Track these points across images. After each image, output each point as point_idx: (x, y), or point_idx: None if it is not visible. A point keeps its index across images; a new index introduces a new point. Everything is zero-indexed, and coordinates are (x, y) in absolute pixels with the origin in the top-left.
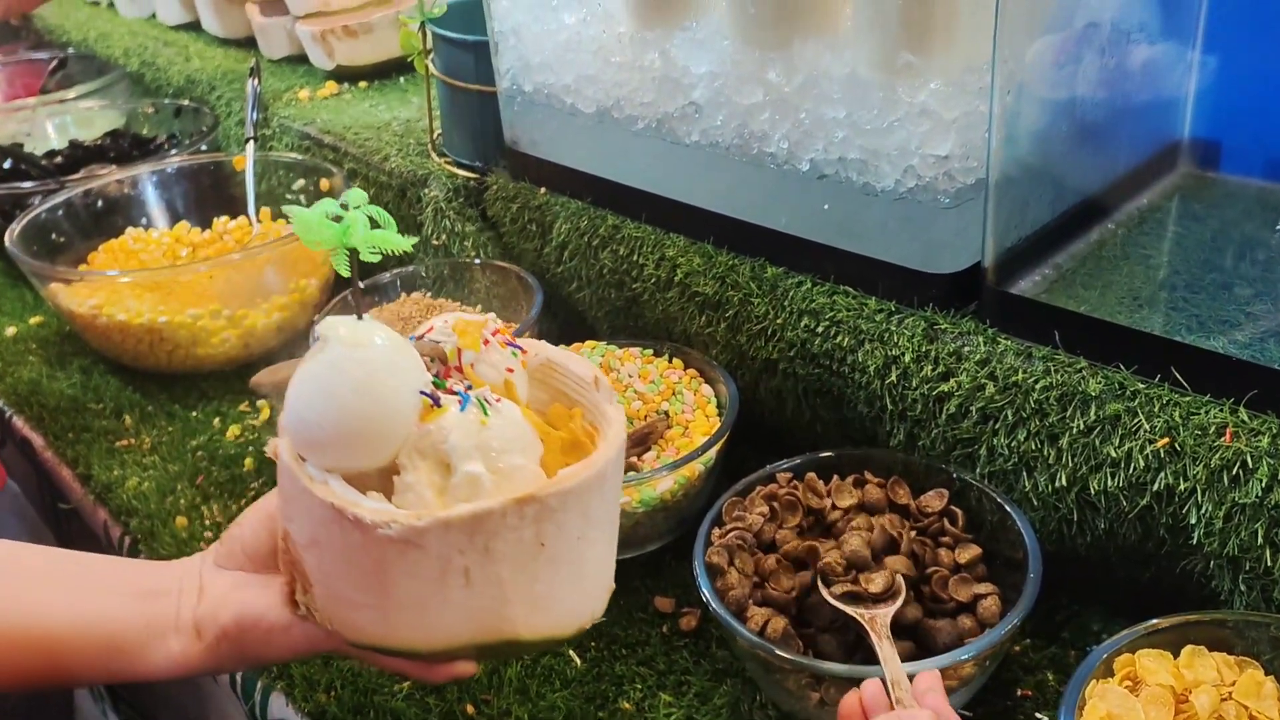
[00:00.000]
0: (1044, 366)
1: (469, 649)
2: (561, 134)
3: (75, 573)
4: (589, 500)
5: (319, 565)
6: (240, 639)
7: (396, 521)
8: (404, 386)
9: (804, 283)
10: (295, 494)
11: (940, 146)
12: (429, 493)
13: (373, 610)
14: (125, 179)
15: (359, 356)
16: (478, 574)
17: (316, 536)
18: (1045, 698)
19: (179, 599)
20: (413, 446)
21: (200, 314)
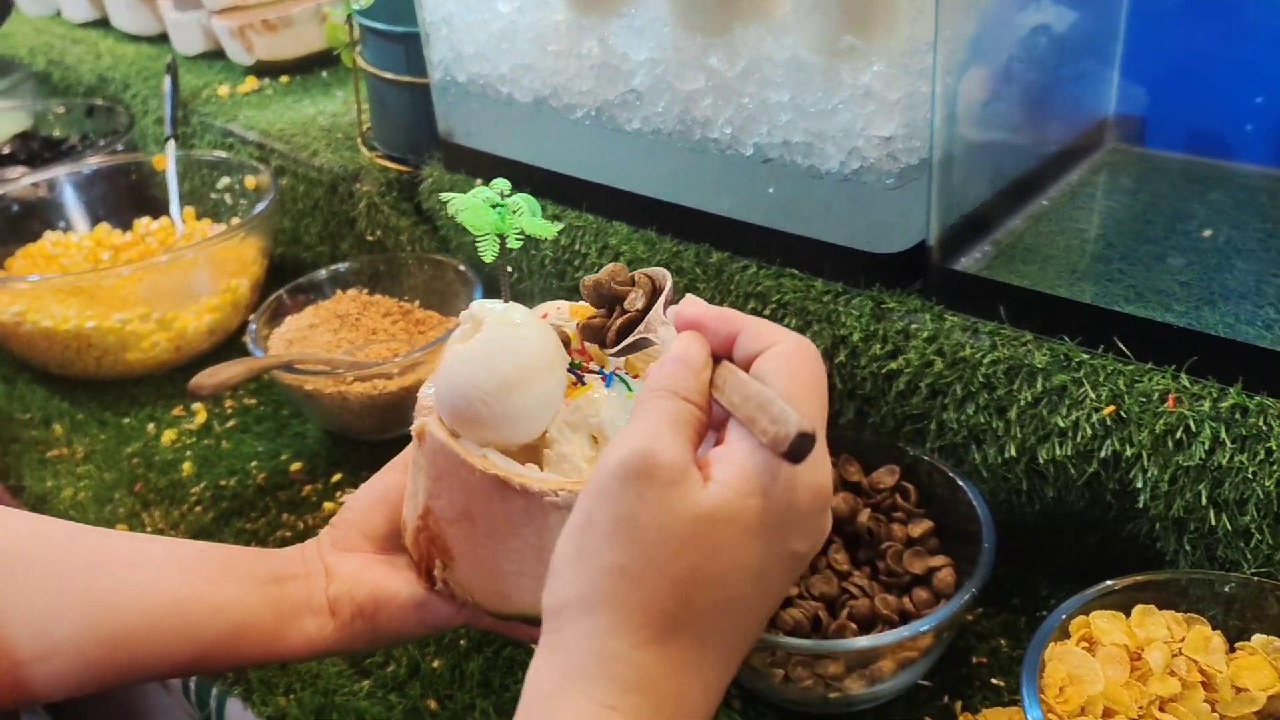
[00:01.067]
0: (990, 341)
1: None
2: (498, 124)
3: (203, 560)
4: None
5: (468, 538)
6: (375, 616)
7: (565, 489)
8: (557, 362)
9: (749, 266)
10: (449, 469)
11: (884, 127)
12: (582, 463)
13: (525, 578)
14: (40, 181)
15: (519, 334)
16: None
17: (470, 509)
18: (999, 664)
19: (307, 582)
20: (564, 420)
21: (129, 318)
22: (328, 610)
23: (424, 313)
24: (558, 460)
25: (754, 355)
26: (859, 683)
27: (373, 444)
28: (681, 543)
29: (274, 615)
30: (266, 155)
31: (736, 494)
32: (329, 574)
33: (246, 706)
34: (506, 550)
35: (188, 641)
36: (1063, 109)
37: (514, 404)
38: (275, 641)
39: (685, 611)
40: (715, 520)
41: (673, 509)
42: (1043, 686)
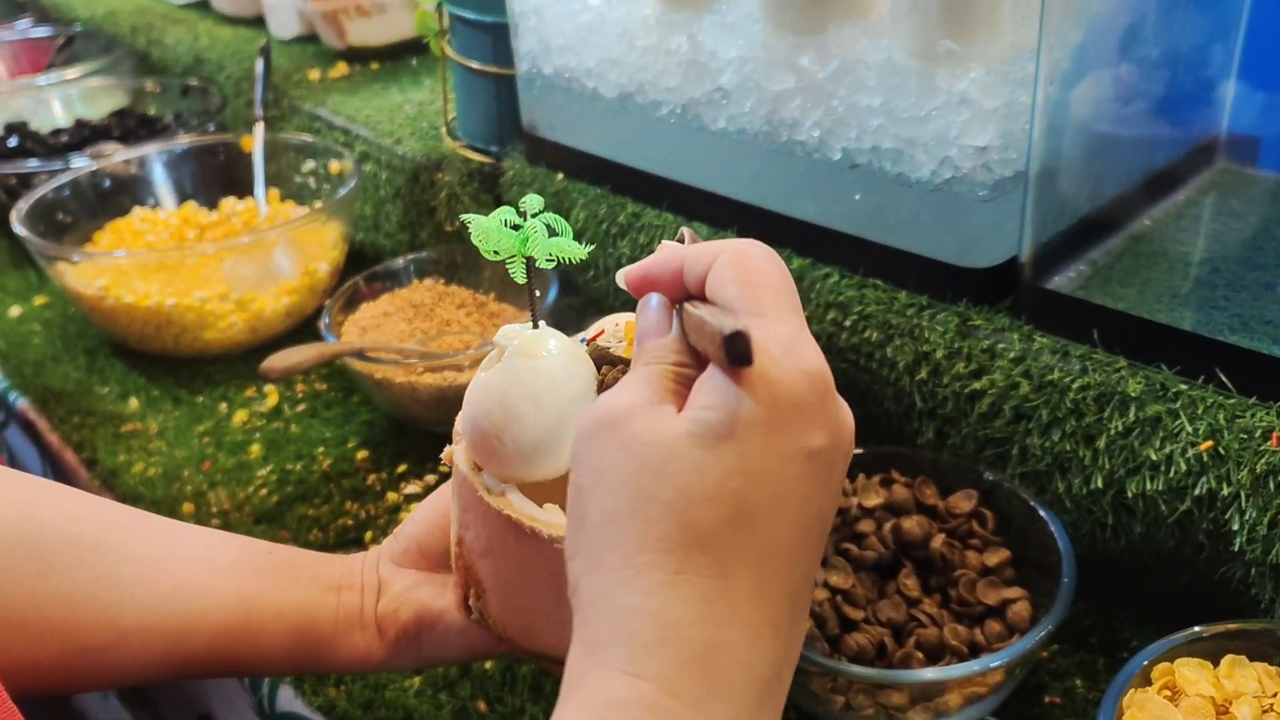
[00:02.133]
0: (1081, 365)
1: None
2: (581, 118)
3: (269, 561)
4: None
5: (494, 574)
6: (418, 638)
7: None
8: (581, 396)
9: (832, 275)
10: (471, 503)
11: (979, 137)
12: None
13: (548, 619)
14: (132, 158)
15: (536, 366)
16: None
17: (492, 546)
18: (1074, 705)
19: (362, 594)
20: None
21: (208, 297)
22: (375, 626)
23: (499, 305)
24: None
25: (703, 279)
26: (922, 715)
27: (439, 435)
28: (659, 466)
29: (331, 624)
30: (351, 141)
31: (707, 408)
32: (381, 589)
33: (298, 695)
34: (528, 590)
35: (248, 642)
36: (1171, 125)
37: (530, 439)
38: (328, 651)
39: (689, 534)
40: (692, 436)
41: (642, 438)
42: None
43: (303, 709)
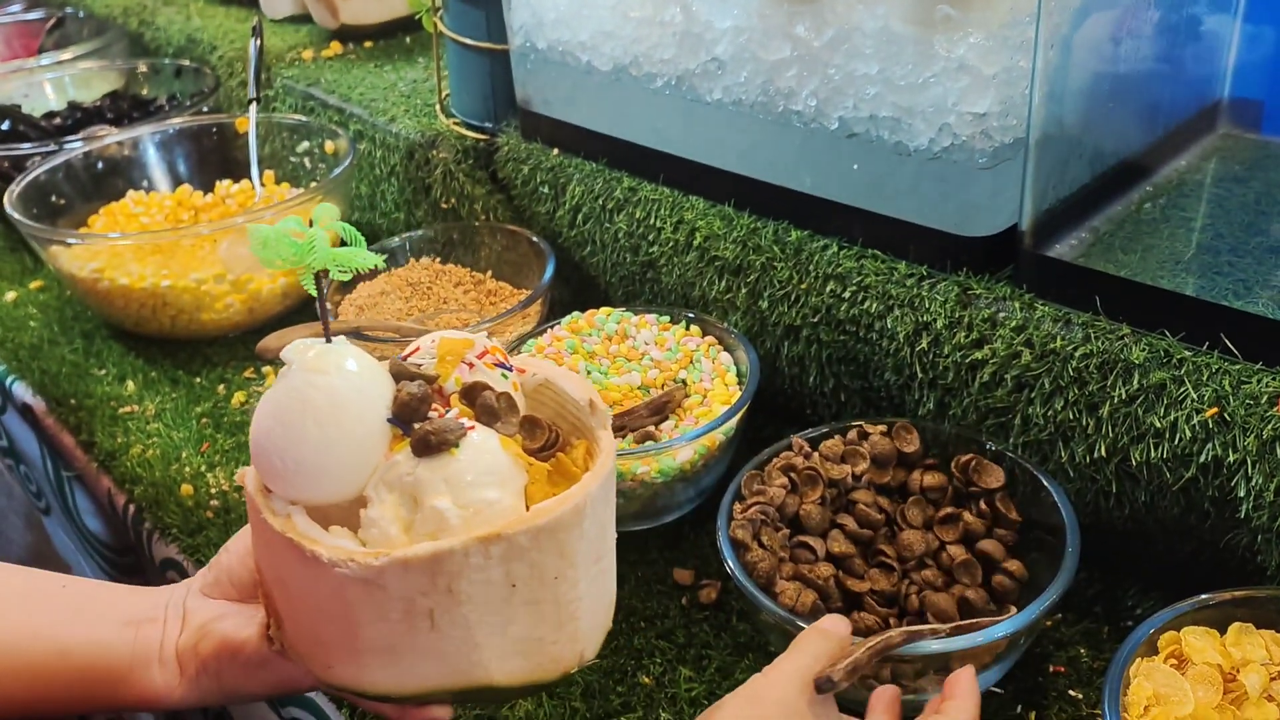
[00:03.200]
0: (1084, 333)
1: (443, 694)
2: (576, 93)
3: (59, 596)
4: (566, 537)
5: (287, 601)
6: (219, 672)
7: (354, 560)
8: (370, 415)
9: (830, 246)
10: (259, 525)
11: (978, 103)
12: (394, 529)
13: (341, 650)
14: (125, 140)
15: (321, 383)
16: (443, 617)
17: (281, 573)
18: (1079, 674)
19: (164, 627)
20: (380, 479)
21: (204, 278)
22: (175, 661)
23: (496, 284)
24: (368, 524)
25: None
26: (927, 685)
27: None
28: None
29: (126, 661)
30: (346, 120)
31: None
32: (184, 621)
33: None
34: (319, 618)
35: (26, 683)
36: (1172, 90)
37: (313, 459)
38: (123, 689)
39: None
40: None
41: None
42: (1126, 705)
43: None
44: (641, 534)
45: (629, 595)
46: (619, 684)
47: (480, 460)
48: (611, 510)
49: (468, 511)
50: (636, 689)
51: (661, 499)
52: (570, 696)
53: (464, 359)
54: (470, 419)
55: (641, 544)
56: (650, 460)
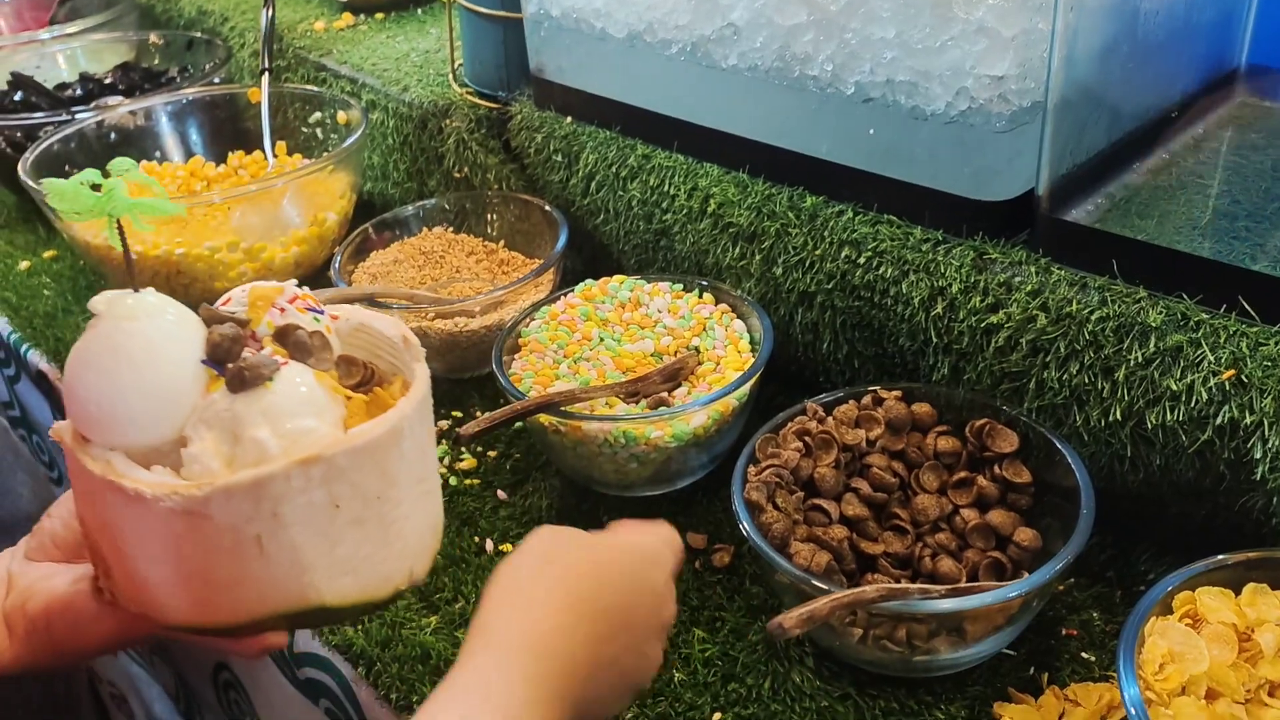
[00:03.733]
0: (1100, 297)
1: (278, 619)
2: (590, 60)
3: None
4: (385, 458)
5: (114, 548)
6: (49, 630)
7: (178, 493)
8: (182, 358)
9: (845, 212)
10: (79, 474)
11: (996, 66)
12: (216, 463)
13: (172, 588)
14: (138, 110)
15: (132, 329)
16: (271, 542)
17: (105, 518)
18: (1091, 637)
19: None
20: (199, 418)
21: (218, 246)
22: (3, 625)
23: (508, 253)
24: (189, 461)
25: None
26: (940, 646)
27: (451, 382)
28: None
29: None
30: (358, 90)
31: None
32: (10, 585)
33: (314, 635)
34: (148, 559)
35: None
36: (1191, 57)
37: (127, 403)
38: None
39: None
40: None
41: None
42: (1140, 662)
43: (320, 648)
44: (655, 499)
45: None
46: None
47: (295, 392)
48: (431, 435)
49: (286, 440)
50: None
51: (675, 464)
52: None
53: (274, 304)
54: (284, 357)
55: (655, 509)
56: (664, 425)
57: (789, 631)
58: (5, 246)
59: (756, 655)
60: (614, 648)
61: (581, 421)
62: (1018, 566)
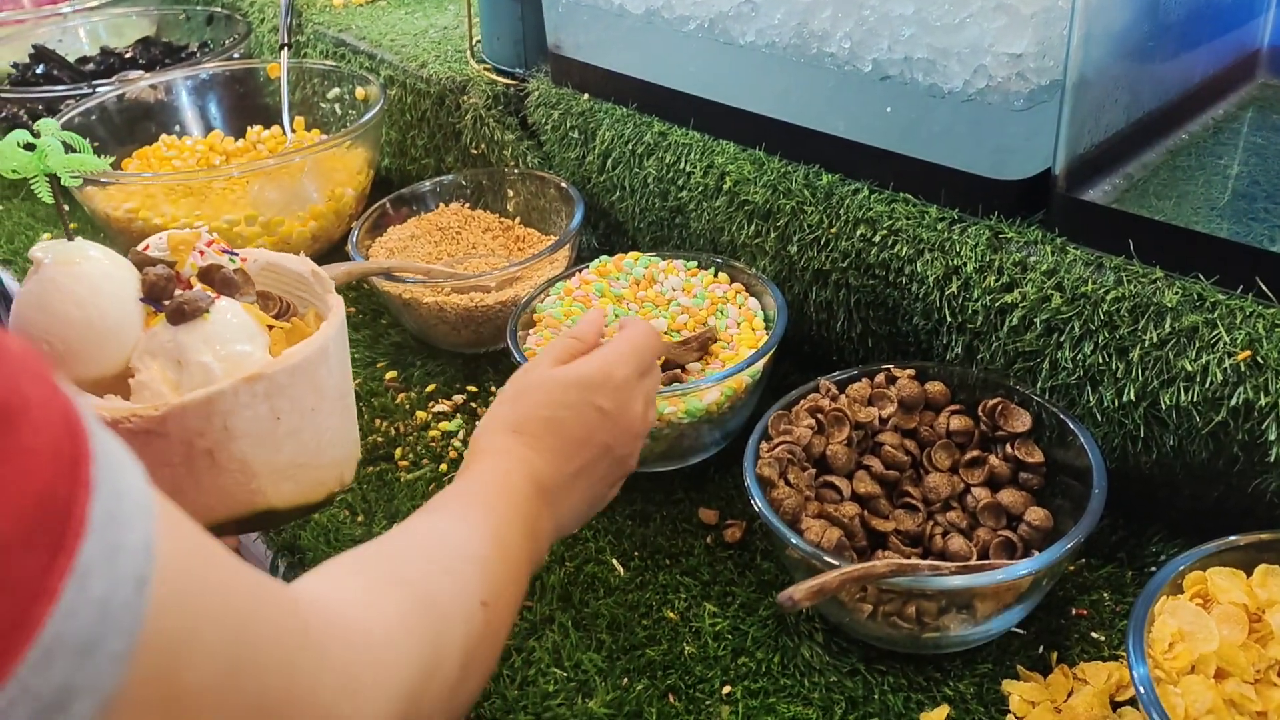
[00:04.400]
0: (1115, 277)
1: (229, 525)
2: (607, 36)
3: None
4: (316, 374)
5: None
6: None
7: (137, 414)
8: (124, 296)
9: (861, 190)
10: None
11: (1015, 44)
12: (164, 388)
13: None
14: (159, 84)
15: (75, 272)
16: (221, 453)
17: None
18: (1101, 617)
19: None
20: (143, 350)
21: (236, 220)
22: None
23: (524, 230)
24: (139, 388)
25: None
26: (950, 623)
27: (467, 356)
28: (526, 390)
29: None
30: (377, 66)
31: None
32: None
33: None
34: None
35: None
36: (1211, 37)
37: (77, 338)
38: None
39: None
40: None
41: (528, 379)
42: (1150, 641)
43: None
44: (668, 474)
45: (655, 533)
46: (644, 618)
47: (230, 321)
48: (348, 357)
49: (228, 364)
50: (662, 623)
51: (688, 440)
52: (596, 629)
53: (195, 247)
54: (213, 294)
55: (668, 484)
56: (677, 400)
57: (799, 604)
58: (27, 219)
59: (767, 630)
60: (574, 465)
61: None
62: (1028, 546)
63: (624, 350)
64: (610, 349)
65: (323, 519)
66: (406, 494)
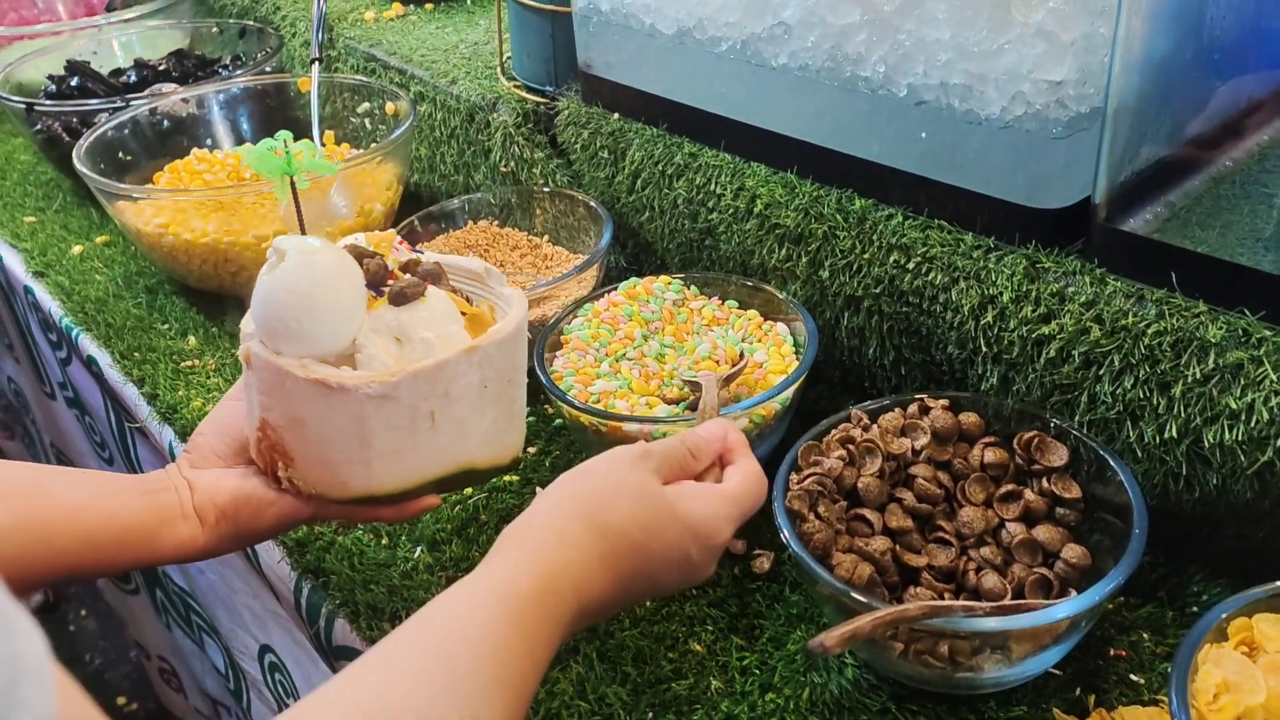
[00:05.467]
0: (1157, 310)
1: (434, 484)
2: (638, 56)
3: (89, 478)
4: (514, 349)
5: (301, 439)
6: (236, 516)
7: (375, 380)
8: (354, 282)
9: (895, 216)
10: (276, 382)
11: (1055, 71)
12: (389, 361)
13: (355, 464)
14: (191, 98)
15: (320, 260)
16: (441, 415)
17: (298, 414)
18: (1140, 659)
19: (179, 494)
20: (369, 329)
21: (265, 235)
22: (196, 517)
23: (552, 248)
24: (368, 361)
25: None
26: (984, 663)
27: None
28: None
29: (155, 521)
30: (407, 82)
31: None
32: (191, 487)
33: (353, 629)
34: (334, 442)
35: (84, 545)
36: (1257, 62)
37: (320, 317)
38: (156, 544)
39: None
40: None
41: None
42: (1193, 691)
43: (358, 644)
44: None
45: None
46: (670, 650)
47: (441, 304)
48: (525, 339)
49: (443, 339)
50: (688, 656)
51: None
52: (622, 661)
53: (394, 245)
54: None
55: None
56: None
57: (830, 651)
58: (59, 230)
59: (795, 666)
60: (629, 595)
61: (622, 422)
62: (1065, 584)
63: (737, 505)
64: (727, 498)
65: (347, 542)
66: (431, 517)
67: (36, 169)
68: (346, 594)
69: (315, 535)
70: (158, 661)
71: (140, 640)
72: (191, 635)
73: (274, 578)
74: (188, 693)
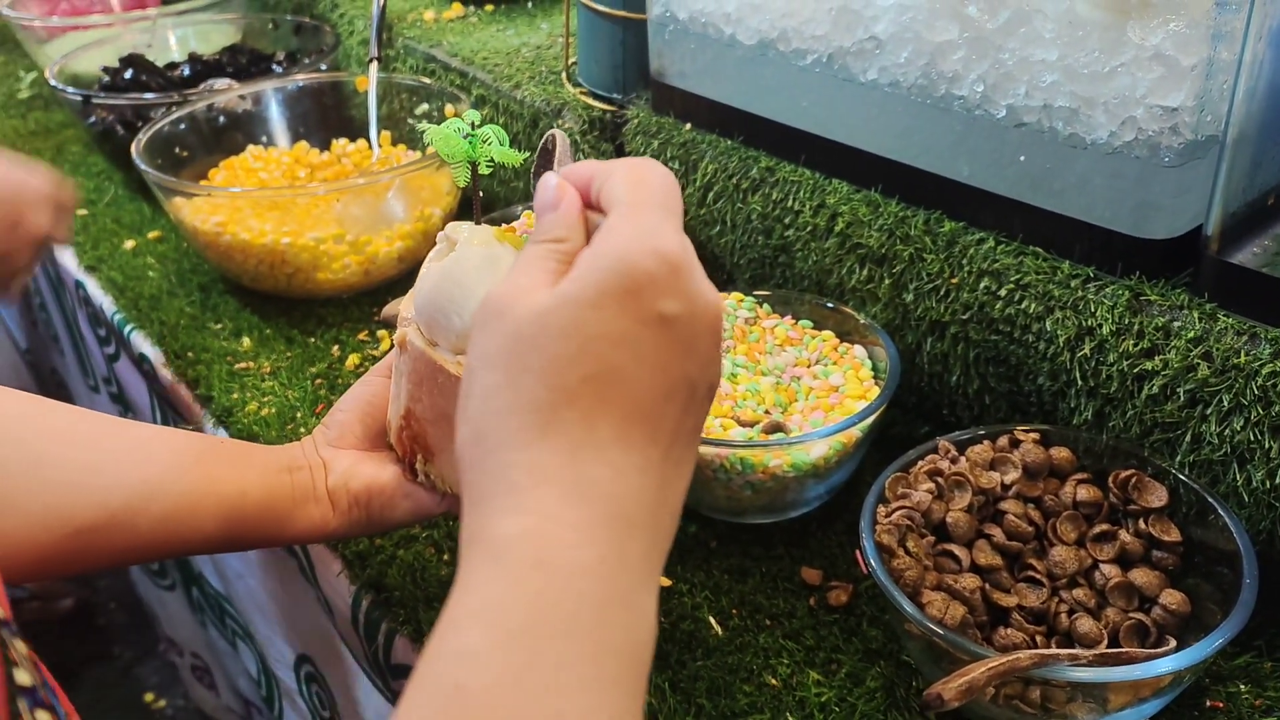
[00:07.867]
0: (1272, 349)
1: None
2: (716, 66)
3: (225, 450)
4: None
5: (446, 435)
6: (369, 505)
7: None
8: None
9: (986, 240)
10: (428, 375)
11: (1172, 97)
12: None
13: None
14: (248, 94)
15: (485, 253)
16: None
17: (447, 410)
18: (1238, 711)
19: (312, 474)
20: None
21: (323, 238)
22: (328, 500)
23: None
24: None
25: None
26: (1079, 711)
27: None
28: (531, 339)
29: (289, 500)
30: (468, 84)
31: (572, 282)
32: (326, 468)
33: (415, 648)
34: None
35: (221, 522)
36: None
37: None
38: (288, 524)
39: (557, 393)
40: (557, 308)
41: (519, 318)
42: None
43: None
44: (766, 528)
45: (754, 590)
46: (745, 683)
47: None
48: None
49: None
50: (764, 689)
51: (790, 493)
52: (695, 693)
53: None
54: None
55: (766, 538)
56: (782, 454)
57: (948, 704)
58: (112, 225)
59: (875, 704)
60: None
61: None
62: (1162, 631)
63: (644, 199)
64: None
65: (408, 557)
66: None
67: (87, 160)
68: (409, 611)
69: (376, 549)
70: (190, 658)
71: (173, 636)
72: (225, 636)
73: (330, 591)
74: (220, 690)
